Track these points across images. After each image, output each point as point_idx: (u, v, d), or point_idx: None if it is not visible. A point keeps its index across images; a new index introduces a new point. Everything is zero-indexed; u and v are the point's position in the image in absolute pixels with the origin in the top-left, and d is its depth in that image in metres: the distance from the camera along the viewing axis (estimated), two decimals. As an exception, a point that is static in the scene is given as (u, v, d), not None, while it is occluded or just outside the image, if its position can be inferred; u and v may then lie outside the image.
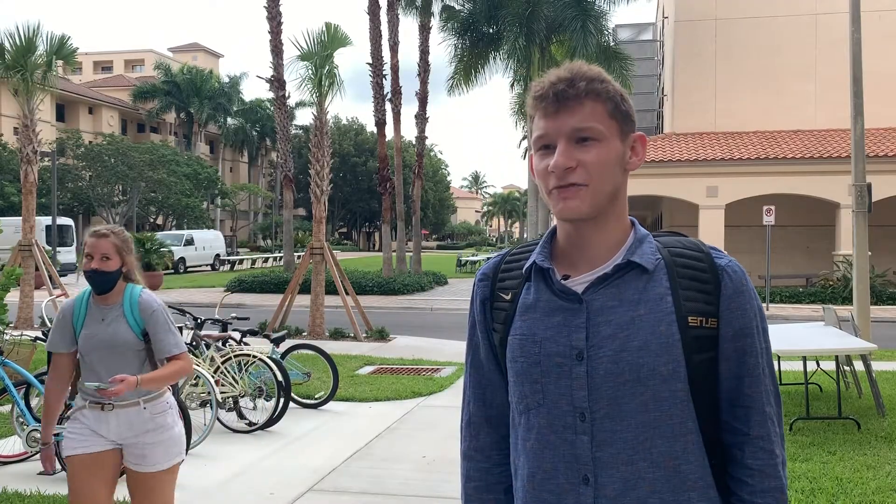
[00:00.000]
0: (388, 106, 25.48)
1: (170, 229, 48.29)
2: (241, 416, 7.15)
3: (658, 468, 1.38)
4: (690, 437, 1.40)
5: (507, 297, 1.52)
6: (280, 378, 7.19)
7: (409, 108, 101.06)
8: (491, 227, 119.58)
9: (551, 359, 1.43)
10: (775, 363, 8.91)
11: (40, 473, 5.78)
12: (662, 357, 1.38)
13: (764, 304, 13.54)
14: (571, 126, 1.40)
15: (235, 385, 7.18)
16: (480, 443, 1.60)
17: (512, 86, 37.31)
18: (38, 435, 5.71)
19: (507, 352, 1.49)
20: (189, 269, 36.26)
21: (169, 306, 3.62)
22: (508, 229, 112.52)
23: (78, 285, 26.06)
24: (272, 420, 7.15)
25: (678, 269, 1.44)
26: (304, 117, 79.46)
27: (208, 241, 38.74)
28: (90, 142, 47.45)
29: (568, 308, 1.44)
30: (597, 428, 1.39)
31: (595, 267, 1.45)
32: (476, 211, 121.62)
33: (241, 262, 39.20)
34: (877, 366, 9.20)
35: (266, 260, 41.48)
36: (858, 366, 8.56)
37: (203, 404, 7.07)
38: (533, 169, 1.48)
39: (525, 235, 62.06)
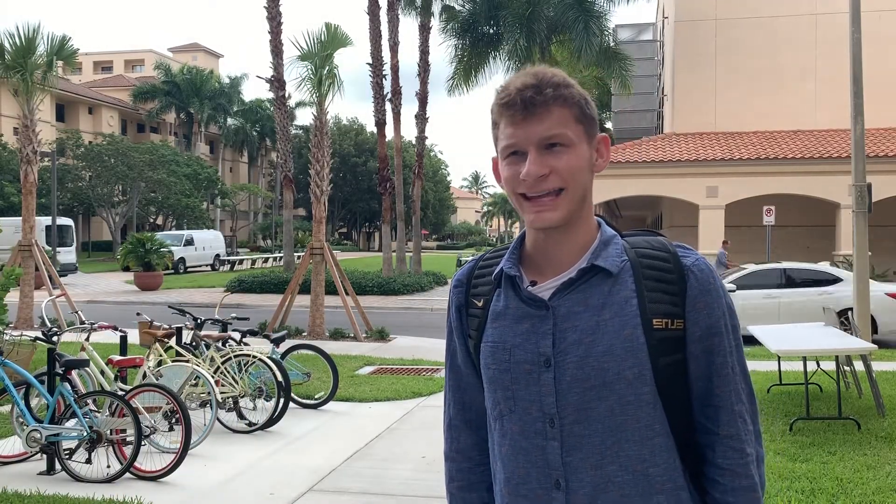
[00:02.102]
0: (388, 106, 25.49)
1: (170, 229, 48.30)
2: (241, 416, 7.14)
3: (627, 472, 1.39)
4: (658, 440, 1.40)
5: (480, 304, 1.53)
6: (280, 378, 7.19)
7: (409, 108, 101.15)
8: (491, 227, 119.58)
9: (520, 366, 1.43)
10: (775, 364, 8.93)
11: (40, 473, 5.79)
12: (627, 361, 1.37)
13: (764, 304, 13.50)
14: (540, 134, 1.39)
15: (235, 385, 7.18)
16: (461, 444, 1.63)
17: (512, 86, 37.37)
18: (38, 435, 5.71)
19: (481, 358, 1.50)
20: (189, 270, 36.26)
21: (169, 306, 3.62)
22: (508, 229, 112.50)
23: (78, 285, 26.07)
24: (272, 420, 7.15)
25: (644, 270, 1.43)
26: (304, 117, 79.45)
27: (208, 242, 38.74)
28: (90, 142, 47.44)
29: (535, 315, 1.44)
30: (566, 433, 1.40)
31: (561, 272, 1.45)
32: (476, 211, 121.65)
33: (240, 262, 39.19)
34: (877, 366, 9.20)
35: (266, 260, 41.48)
36: (858, 366, 8.56)
37: (203, 404, 7.07)
38: (499, 175, 1.48)
39: (525, 235, 61.94)
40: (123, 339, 7.16)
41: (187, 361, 7.05)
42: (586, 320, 1.40)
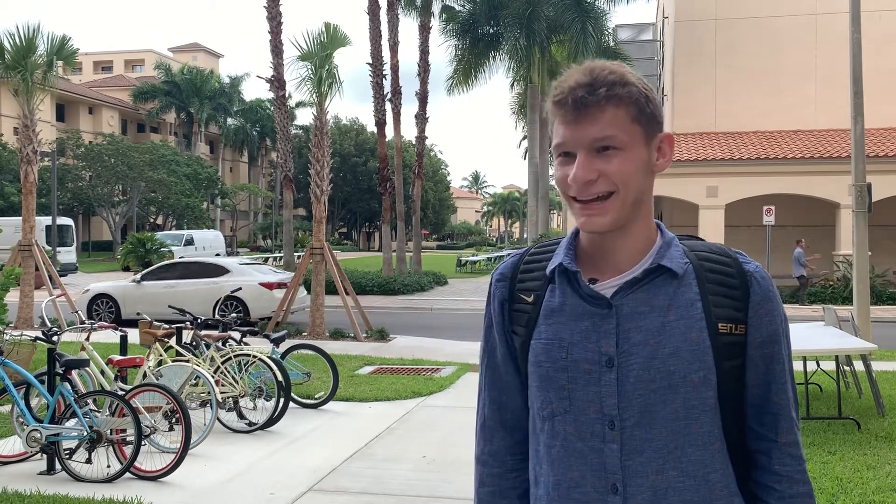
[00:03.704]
0: (388, 106, 25.49)
1: (170, 229, 48.33)
2: (241, 416, 7.14)
3: (688, 477, 1.36)
4: (717, 445, 1.39)
5: (529, 300, 1.47)
6: (280, 378, 7.19)
7: (409, 108, 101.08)
8: (491, 227, 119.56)
9: (579, 365, 1.39)
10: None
11: (40, 473, 5.79)
12: (694, 364, 1.35)
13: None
14: (592, 136, 1.34)
15: (235, 385, 7.18)
16: (494, 447, 1.56)
17: (512, 86, 37.39)
18: (38, 435, 5.71)
19: (531, 356, 1.45)
20: (189, 269, 36.24)
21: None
22: (508, 229, 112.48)
23: (78, 285, 26.05)
24: (272, 420, 7.15)
25: (706, 273, 1.41)
26: (304, 117, 79.41)
27: (208, 241, 38.80)
28: (90, 142, 47.45)
29: (596, 313, 1.40)
30: (626, 436, 1.36)
31: (621, 271, 1.42)
32: (476, 211, 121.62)
33: (241, 262, 39.16)
34: (877, 366, 9.20)
35: (266, 260, 41.44)
36: (858, 366, 8.56)
37: (203, 404, 7.07)
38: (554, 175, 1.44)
39: (525, 235, 62.06)
40: (123, 338, 7.16)
41: (187, 361, 7.05)
42: (651, 321, 1.37)
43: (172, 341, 7.51)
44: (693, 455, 1.37)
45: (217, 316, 9.07)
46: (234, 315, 10.10)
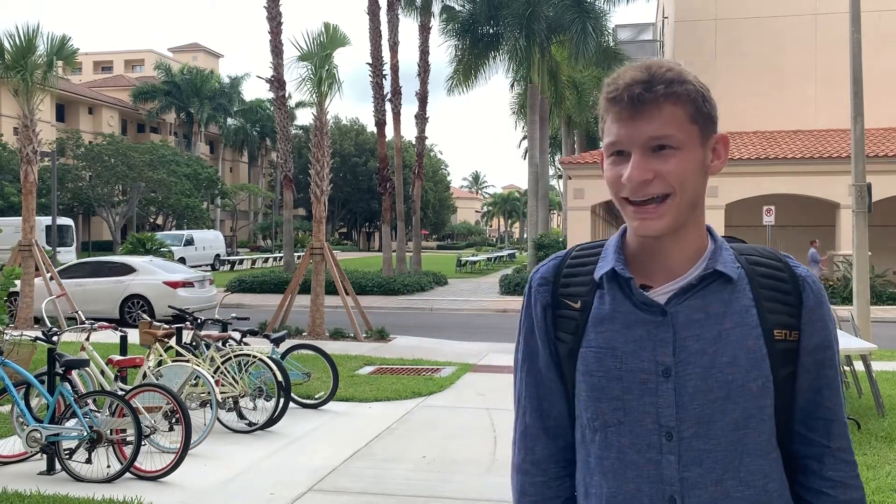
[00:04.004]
0: (388, 106, 25.50)
1: (170, 229, 48.29)
2: (241, 416, 7.14)
3: (747, 487, 1.34)
4: (775, 454, 1.37)
5: (577, 306, 1.42)
6: (280, 378, 7.19)
7: (409, 108, 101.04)
8: (491, 227, 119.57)
9: (635, 375, 1.35)
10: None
11: (40, 473, 5.79)
12: (752, 373, 1.33)
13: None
14: (647, 134, 1.29)
15: (235, 385, 7.18)
16: (537, 456, 1.51)
17: (512, 86, 37.35)
18: (38, 435, 5.71)
19: (580, 364, 1.40)
20: (189, 269, 36.25)
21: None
22: (508, 229, 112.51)
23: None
24: (272, 420, 7.15)
25: (759, 278, 1.38)
26: (304, 117, 79.44)
27: (208, 242, 38.78)
28: (90, 142, 47.44)
29: (650, 321, 1.35)
30: (684, 447, 1.33)
31: (673, 277, 1.37)
32: (476, 211, 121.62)
33: (241, 262, 39.20)
34: (877, 366, 9.20)
35: (266, 260, 41.49)
36: (858, 366, 8.56)
37: (203, 404, 7.07)
38: (604, 173, 1.39)
39: (525, 235, 62.04)
40: (123, 338, 7.16)
41: (187, 361, 7.05)
42: (708, 329, 1.33)
43: (172, 341, 7.51)
44: (752, 465, 1.34)
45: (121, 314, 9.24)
46: (140, 313, 10.73)
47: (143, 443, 5.66)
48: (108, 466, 5.64)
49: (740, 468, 1.34)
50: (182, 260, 35.39)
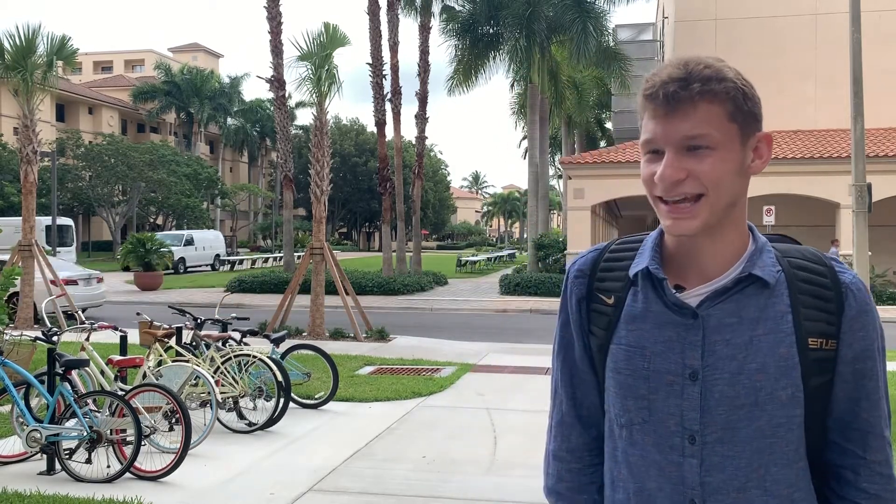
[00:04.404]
0: (388, 106, 25.49)
1: (170, 229, 48.30)
2: (241, 416, 7.14)
3: (771, 496, 1.31)
4: (802, 464, 1.34)
5: (610, 301, 1.42)
6: (280, 378, 7.19)
7: (409, 108, 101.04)
8: (491, 227, 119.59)
9: (661, 376, 1.34)
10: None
11: (40, 473, 5.79)
12: (781, 381, 1.29)
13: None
14: (683, 133, 1.26)
15: (235, 385, 7.18)
16: (573, 444, 1.53)
17: (512, 86, 37.36)
18: (38, 435, 5.71)
19: (609, 360, 1.40)
20: (189, 270, 36.25)
21: (169, 306, 3.62)
22: (508, 229, 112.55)
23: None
24: (272, 420, 7.15)
25: (799, 283, 1.33)
26: (304, 117, 79.46)
27: (208, 242, 38.74)
28: (90, 142, 47.45)
29: (681, 323, 1.33)
30: (707, 452, 1.32)
31: (709, 278, 1.34)
32: (476, 211, 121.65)
33: (241, 262, 39.18)
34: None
35: (266, 260, 41.48)
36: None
37: (203, 404, 7.07)
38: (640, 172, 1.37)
39: (525, 235, 62.04)
40: (123, 338, 7.16)
41: (187, 361, 7.05)
42: (740, 334, 1.31)
43: (172, 341, 7.51)
44: (777, 474, 1.31)
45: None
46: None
47: (143, 443, 5.66)
48: (108, 466, 5.64)
49: (766, 477, 1.31)
50: (182, 260, 35.48)
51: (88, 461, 5.67)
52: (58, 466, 5.77)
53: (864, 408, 1.35)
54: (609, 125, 40.78)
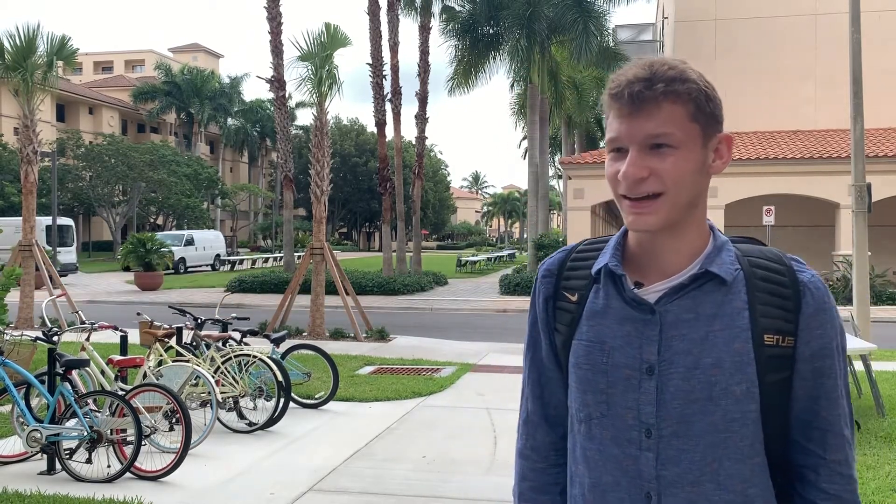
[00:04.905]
0: (388, 106, 25.48)
1: (170, 229, 48.31)
2: (241, 416, 7.15)
3: (725, 491, 1.33)
4: (758, 459, 1.35)
5: (574, 299, 1.45)
6: (280, 378, 7.19)
7: (409, 109, 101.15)
8: (491, 227, 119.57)
9: (619, 370, 1.36)
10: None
11: (41, 473, 5.79)
12: (736, 376, 1.31)
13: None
14: (646, 132, 1.29)
15: (235, 385, 7.18)
16: (537, 442, 1.56)
17: (512, 86, 37.37)
18: (39, 435, 5.71)
19: (571, 356, 1.43)
20: (189, 270, 36.26)
21: (169, 306, 3.62)
22: (508, 229, 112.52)
23: (78, 285, 26.06)
24: (272, 420, 7.15)
25: (757, 281, 1.36)
26: (305, 117, 79.50)
27: (208, 242, 38.74)
28: (90, 142, 47.45)
29: (639, 318, 1.37)
30: (663, 445, 1.34)
31: (668, 276, 1.38)
32: (476, 211, 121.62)
33: (241, 262, 39.19)
34: (877, 366, 9.20)
35: (266, 260, 41.48)
36: (858, 366, 8.56)
37: (203, 404, 7.08)
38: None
39: (525, 235, 62.03)
40: (124, 338, 7.17)
41: (187, 361, 7.05)
42: (696, 329, 1.33)
43: (172, 341, 7.51)
44: (731, 469, 1.33)
45: None
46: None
47: (143, 443, 5.67)
48: (109, 466, 5.64)
49: (719, 471, 1.33)
50: (182, 260, 35.49)
51: (89, 461, 5.67)
52: (58, 466, 5.78)
53: (824, 406, 1.37)
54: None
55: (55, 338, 6.33)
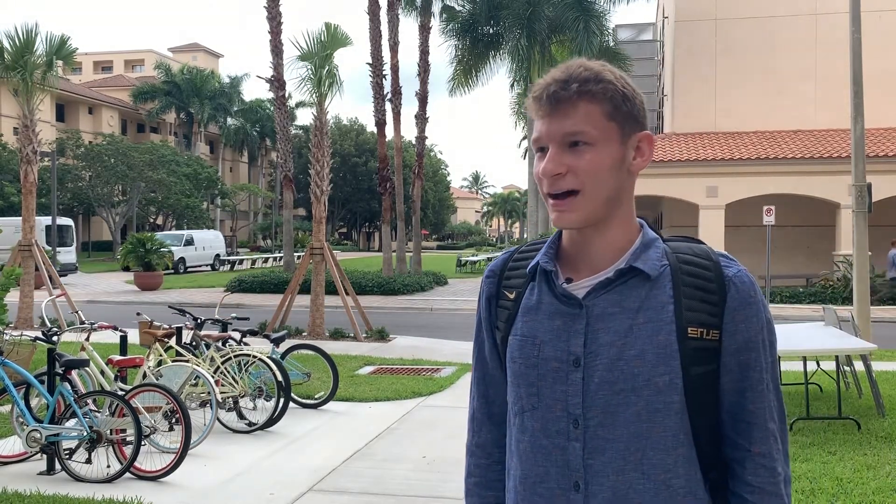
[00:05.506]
0: (388, 106, 25.48)
1: (170, 229, 48.30)
2: (241, 416, 7.14)
3: (649, 480, 1.36)
4: (682, 451, 1.37)
5: (511, 296, 1.50)
6: (280, 378, 7.19)
7: (409, 109, 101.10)
8: (491, 227, 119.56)
9: (548, 363, 1.40)
10: (775, 363, 8.95)
11: (40, 473, 5.79)
12: (659, 368, 1.34)
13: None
14: (564, 130, 1.35)
15: (235, 385, 7.18)
16: (482, 439, 1.60)
17: (512, 86, 37.27)
18: (38, 435, 5.71)
19: (507, 351, 1.48)
20: (189, 270, 36.26)
21: (169, 306, 3.62)
22: (508, 229, 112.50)
23: (78, 285, 26.06)
24: (272, 420, 7.15)
25: (684, 276, 1.39)
26: (305, 117, 79.49)
27: (208, 242, 38.73)
28: (90, 142, 47.44)
29: (568, 313, 1.41)
30: (589, 435, 1.37)
31: (597, 271, 1.42)
32: (476, 211, 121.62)
33: (240, 262, 39.18)
34: (877, 366, 9.20)
35: (266, 260, 41.48)
36: (858, 366, 8.56)
37: (203, 404, 7.07)
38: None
39: (525, 235, 62.05)
40: (123, 338, 7.16)
41: (187, 361, 7.05)
42: (620, 322, 1.37)
43: (172, 341, 7.51)
44: (654, 458, 1.36)
45: None
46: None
47: (143, 443, 5.66)
48: (108, 466, 5.64)
49: (643, 461, 1.36)
50: (182, 260, 35.49)
51: (88, 461, 5.67)
52: (58, 466, 5.77)
53: (750, 399, 1.40)
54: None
55: (55, 338, 6.33)
